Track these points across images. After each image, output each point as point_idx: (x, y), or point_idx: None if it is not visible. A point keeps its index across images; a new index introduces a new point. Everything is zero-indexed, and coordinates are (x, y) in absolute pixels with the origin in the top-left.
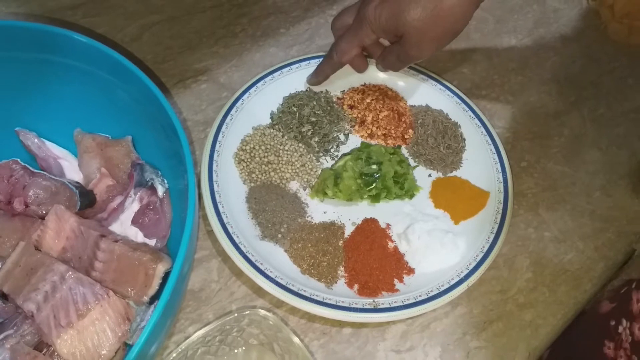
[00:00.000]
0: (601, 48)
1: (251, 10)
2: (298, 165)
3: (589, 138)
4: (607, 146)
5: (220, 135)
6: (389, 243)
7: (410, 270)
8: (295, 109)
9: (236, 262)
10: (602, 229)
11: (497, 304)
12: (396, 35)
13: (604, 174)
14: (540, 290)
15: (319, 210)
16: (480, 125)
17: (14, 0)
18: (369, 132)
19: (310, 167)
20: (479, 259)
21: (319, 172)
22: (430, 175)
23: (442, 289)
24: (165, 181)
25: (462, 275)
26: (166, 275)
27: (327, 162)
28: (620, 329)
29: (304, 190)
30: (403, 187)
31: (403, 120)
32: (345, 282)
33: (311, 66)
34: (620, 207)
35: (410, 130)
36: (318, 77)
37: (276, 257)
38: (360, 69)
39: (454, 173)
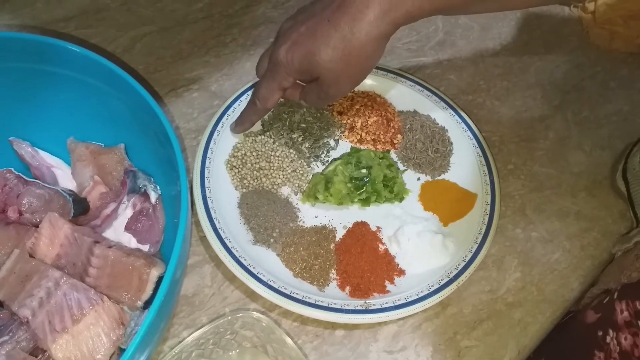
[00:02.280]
0: (584, 53)
1: (241, 21)
2: (289, 171)
3: (573, 140)
4: (591, 148)
5: (212, 142)
6: (380, 245)
7: (401, 272)
8: (285, 116)
9: (229, 266)
10: (587, 228)
11: (487, 303)
12: (312, 77)
13: (589, 175)
14: (529, 290)
15: (311, 215)
16: (467, 129)
17: (7, 13)
18: (358, 137)
19: (301, 172)
20: (468, 259)
21: (310, 177)
22: (419, 179)
23: (433, 289)
24: (158, 188)
25: (452, 275)
26: (160, 280)
27: (317, 167)
28: (608, 339)
29: (296, 195)
30: (393, 191)
31: (392, 125)
32: (337, 285)
33: None
34: (605, 206)
35: (399, 135)
36: (244, 124)
37: (268, 261)
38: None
39: (442, 176)
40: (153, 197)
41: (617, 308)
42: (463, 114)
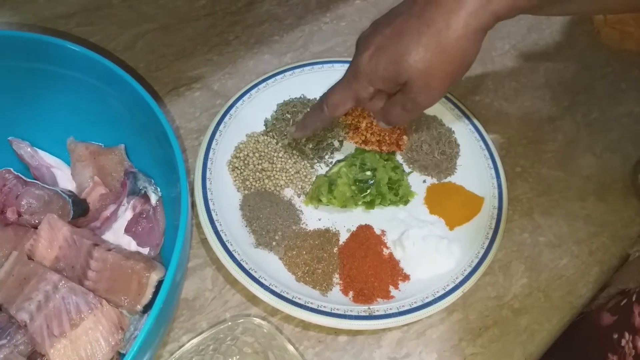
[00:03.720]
0: (594, 53)
1: (245, 18)
2: (292, 172)
3: (583, 143)
4: (601, 151)
5: (214, 142)
6: (384, 249)
7: (406, 277)
8: (289, 116)
9: (230, 270)
10: (596, 233)
11: (493, 309)
12: (398, 83)
13: (598, 178)
14: (536, 296)
15: (314, 217)
16: (474, 130)
17: (8, 10)
18: (363, 138)
19: (304, 174)
20: (474, 264)
21: (313, 178)
22: (424, 181)
23: (438, 295)
24: (159, 189)
25: (458, 281)
26: (160, 284)
27: (321, 169)
28: (623, 342)
29: (299, 197)
30: (397, 194)
31: (397, 126)
32: (340, 290)
33: (304, 73)
34: (615, 211)
35: (405, 137)
36: (305, 130)
37: (270, 264)
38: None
39: (449, 179)
40: (153, 199)
41: (635, 311)
42: (471, 115)
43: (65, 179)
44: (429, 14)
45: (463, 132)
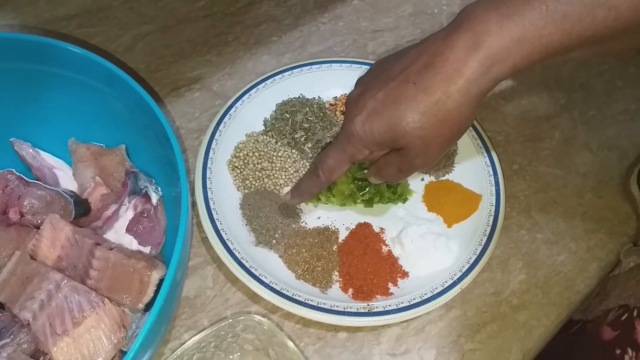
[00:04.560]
0: None
1: (243, 19)
2: (292, 172)
3: (580, 140)
4: (598, 148)
5: (214, 142)
6: (383, 247)
7: (404, 274)
8: (288, 116)
9: (231, 268)
10: (593, 230)
11: (491, 306)
12: (393, 147)
13: (595, 175)
14: (534, 292)
15: (313, 216)
16: (471, 128)
17: (9, 12)
18: None
19: (303, 173)
20: (472, 261)
21: None
22: (422, 179)
23: (436, 291)
24: (159, 189)
25: (456, 277)
26: (161, 283)
27: None
28: (627, 358)
29: None
30: (396, 192)
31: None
32: (339, 287)
33: (303, 73)
34: (612, 208)
35: None
36: (302, 196)
37: (271, 262)
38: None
39: (447, 177)
40: (154, 198)
41: (637, 327)
42: None
43: (66, 180)
44: (427, 81)
45: None
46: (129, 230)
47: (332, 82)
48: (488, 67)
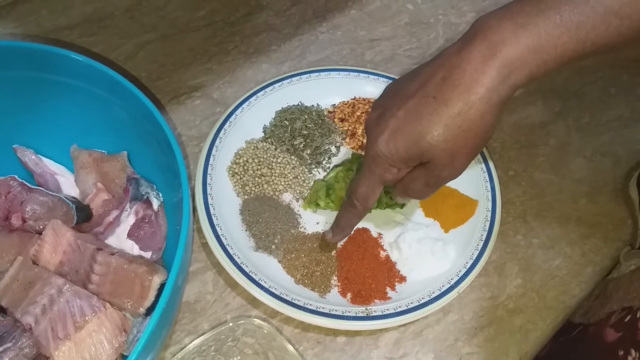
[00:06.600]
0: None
1: (243, 29)
2: (291, 177)
3: (574, 147)
4: (592, 154)
5: (214, 149)
6: (381, 252)
7: (402, 279)
8: (287, 123)
9: (231, 273)
10: (588, 234)
11: (488, 310)
12: (420, 162)
13: (590, 181)
14: (530, 296)
15: (312, 221)
16: None
17: (11, 21)
18: (359, 143)
19: (302, 179)
20: (468, 266)
21: (311, 183)
22: None
23: (433, 296)
24: (160, 195)
25: (453, 282)
26: (162, 287)
27: (319, 174)
28: (630, 359)
29: (297, 201)
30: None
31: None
32: (338, 291)
33: (302, 81)
34: (606, 213)
35: None
36: (344, 231)
37: (270, 267)
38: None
39: None
40: (155, 204)
41: None
42: None
43: (68, 186)
44: (447, 94)
45: None
46: (130, 235)
47: (331, 90)
48: (506, 75)
